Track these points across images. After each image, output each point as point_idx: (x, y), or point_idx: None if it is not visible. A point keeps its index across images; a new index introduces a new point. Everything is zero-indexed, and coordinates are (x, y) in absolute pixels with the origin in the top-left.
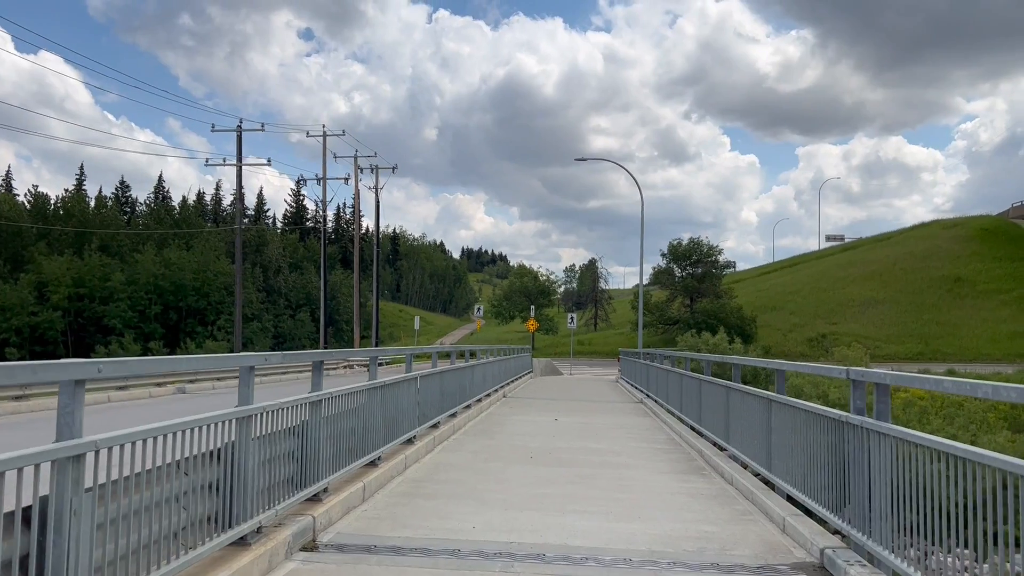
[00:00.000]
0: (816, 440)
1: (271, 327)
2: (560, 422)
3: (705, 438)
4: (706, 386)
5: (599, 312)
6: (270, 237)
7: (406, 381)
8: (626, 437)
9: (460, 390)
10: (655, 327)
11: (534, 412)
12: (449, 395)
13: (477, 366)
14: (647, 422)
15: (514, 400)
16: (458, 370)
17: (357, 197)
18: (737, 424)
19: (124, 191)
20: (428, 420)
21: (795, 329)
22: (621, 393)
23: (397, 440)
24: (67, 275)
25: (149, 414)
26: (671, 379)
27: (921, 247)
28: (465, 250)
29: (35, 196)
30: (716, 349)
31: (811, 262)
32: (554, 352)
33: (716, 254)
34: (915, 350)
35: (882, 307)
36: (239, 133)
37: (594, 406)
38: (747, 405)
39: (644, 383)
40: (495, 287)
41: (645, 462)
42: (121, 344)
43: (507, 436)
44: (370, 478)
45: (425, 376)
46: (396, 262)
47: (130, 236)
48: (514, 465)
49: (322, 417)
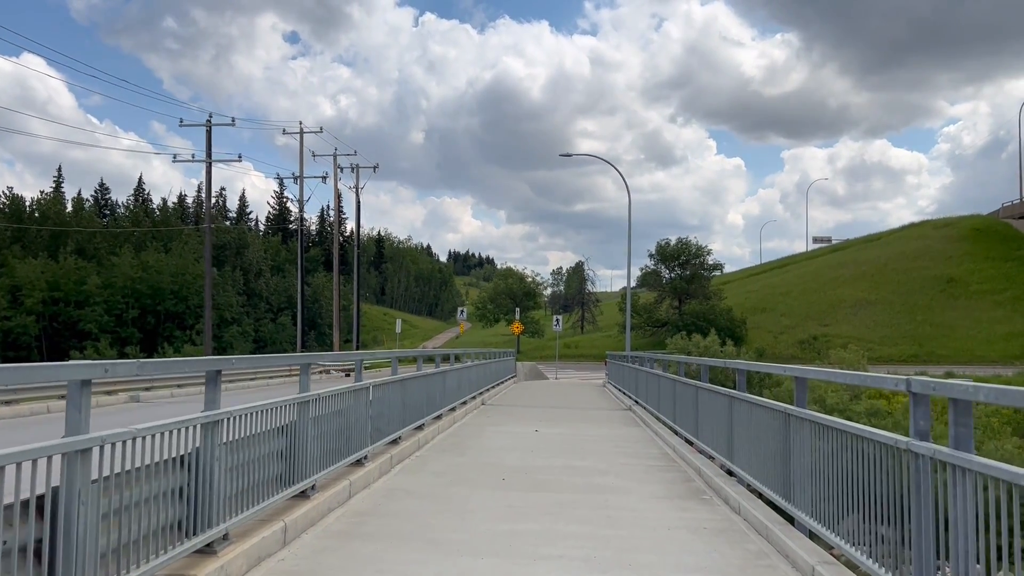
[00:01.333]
0: (858, 470)
1: (251, 331)
2: (541, 434)
3: (703, 453)
4: (704, 394)
5: (586, 314)
6: (251, 239)
7: (354, 392)
8: (614, 451)
9: (428, 399)
10: (643, 329)
11: (513, 422)
12: (413, 406)
13: (450, 372)
14: (637, 433)
15: (493, 408)
16: (424, 377)
17: (337, 196)
18: (744, 441)
19: (103, 194)
20: (384, 436)
21: (786, 331)
22: (608, 399)
23: (341, 462)
24: (41, 279)
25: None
26: (663, 385)
27: (912, 247)
28: (452, 253)
29: (10, 198)
30: (708, 352)
31: (800, 263)
32: (540, 355)
33: (705, 254)
34: (909, 352)
35: (874, 308)
36: (208, 128)
37: (579, 414)
38: (756, 419)
39: (633, 388)
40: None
41: (636, 484)
42: (96, 349)
43: (479, 452)
44: (296, 514)
45: (381, 385)
46: (381, 265)
47: (107, 239)
48: (482, 490)
49: (220, 444)
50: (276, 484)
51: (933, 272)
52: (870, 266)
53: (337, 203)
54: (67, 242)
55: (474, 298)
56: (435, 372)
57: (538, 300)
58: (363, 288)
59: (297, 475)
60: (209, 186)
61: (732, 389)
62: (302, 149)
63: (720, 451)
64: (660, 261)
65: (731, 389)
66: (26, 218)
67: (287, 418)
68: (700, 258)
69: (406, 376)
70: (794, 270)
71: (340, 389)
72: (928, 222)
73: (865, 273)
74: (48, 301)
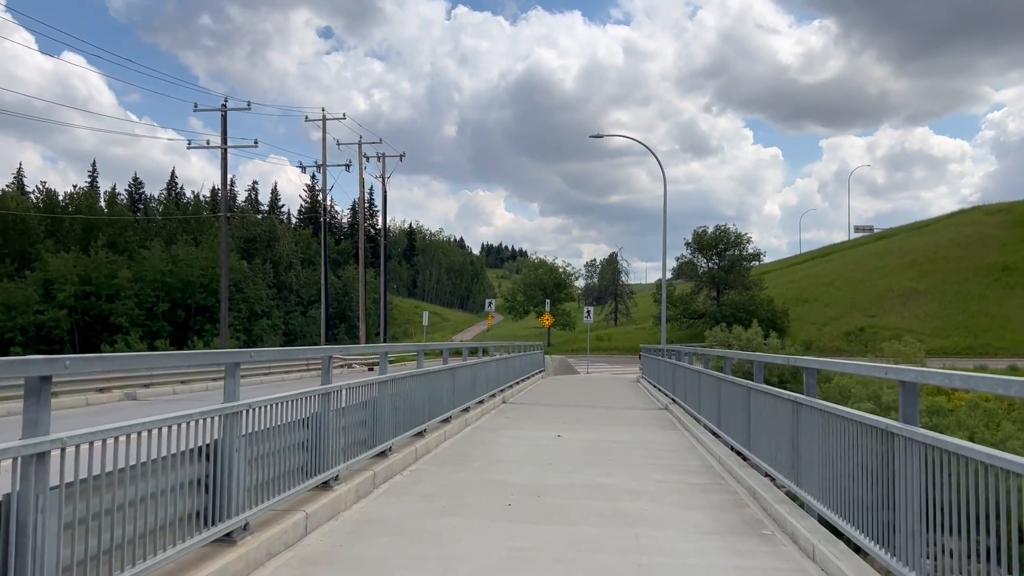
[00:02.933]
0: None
1: (281, 324)
2: (564, 440)
3: (758, 469)
4: (759, 397)
5: (619, 306)
6: (282, 232)
7: (321, 395)
8: (648, 463)
9: (431, 401)
10: (679, 321)
11: (534, 424)
12: (408, 410)
13: (460, 369)
14: (674, 438)
15: (514, 407)
16: (425, 376)
17: (361, 184)
18: (815, 460)
19: (137, 188)
20: (367, 449)
21: (830, 322)
22: (642, 396)
23: (302, 486)
24: (73, 272)
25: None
26: (704, 383)
27: (964, 234)
28: (485, 246)
29: (44, 192)
30: (750, 345)
31: (844, 252)
32: (571, 349)
33: (744, 242)
34: (963, 344)
35: (924, 298)
36: (223, 113)
37: (609, 415)
38: (836, 434)
39: (669, 385)
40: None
41: (676, 511)
42: (127, 343)
43: (486, 465)
44: (214, 568)
45: (358, 387)
46: (412, 257)
47: (138, 232)
48: (480, 521)
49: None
50: (187, 527)
51: (987, 260)
52: (918, 254)
53: (362, 191)
54: (98, 236)
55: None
56: (440, 369)
57: (570, 291)
58: (394, 281)
59: (226, 508)
60: (225, 172)
61: (784, 389)
62: (324, 136)
63: (781, 469)
64: (697, 250)
65: (795, 394)
66: (59, 212)
67: (210, 434)
68: (739, 246)
69: (399, 375)
70: (837, 259)
71: (299, 393)
72: (980, 208)
73: (913, 262)
74: (80, 295)
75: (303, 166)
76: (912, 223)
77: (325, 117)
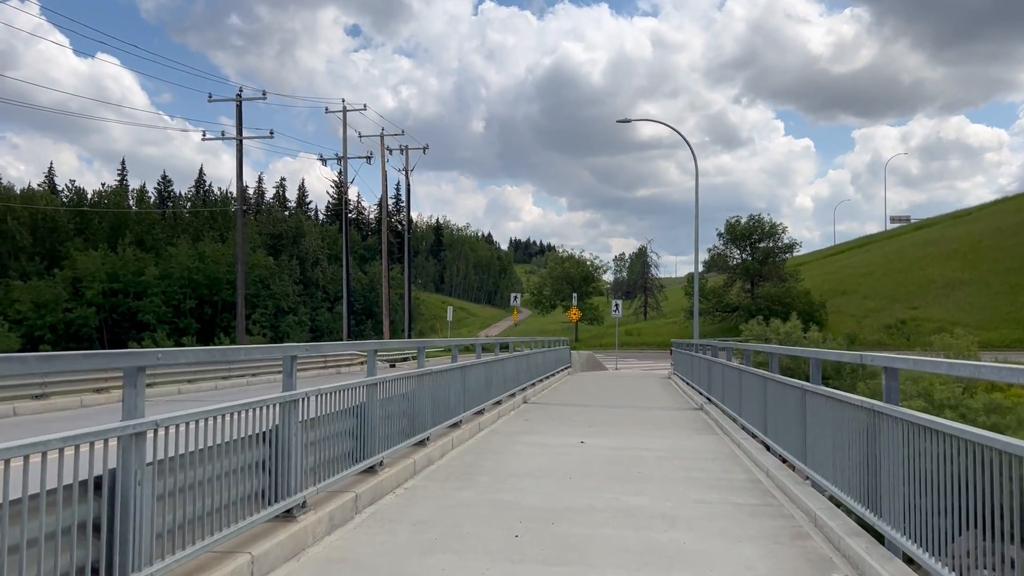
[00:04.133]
0: None
1: (308, 320)
2: (587, 447)
3: (817, 487)
4: (818, 402)
5: (649, 300)
6: (308, 228)
7: (282, 404)
8: (684, 478)
9: (435, 405)
10: (712, 315)
11: (555, 428)
12: (405, 416)
13: (473, 367)
14: (712, 444)
15: (535, 408)
16: (427, 376)
17: (384, 177)
18: (897, 485)
19: (166, 186)
20: (351, 464)
21: (870, 315)
22: (674, 395)
23: (249, 520)
24: (101, 270)
25: None
26: (747, 383)
27: (1009, 222)
28: (513, 241)
29: (73, 190)
30: (789, 339)
31: (882, 242)
32: (599, 344)
33: (779, 232)
34: (1014, 336)
35: (969, 289)
36: (239, 103)
37: (639, 416)
38: (927, 452)
39: (704, 383)
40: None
41: (720, 545)
42: (154, 340)
43: (495, 480)
44: None
45: (335, 391)
46: (440, 253)
47: (166, 229)
48: (476, 561)
49: None
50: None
51: None
52: (961, 243)
53: (384, 184)
54: (126, 233)
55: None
56: (446, 368)
57: (598, 286)
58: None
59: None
60: (240, 162)
61: (877, 401)
62: (345, 127)
63: (850, 491)
64: (730, 241)
65: (874, 401)
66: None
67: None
68: (774, 237)
69: (390, 377)
70: (876, 250)
71: (241, 406)
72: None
73: (956, 251)
74: (108, 292)
75: (323, 159)
76: (952, 212)
77: (345, 109)
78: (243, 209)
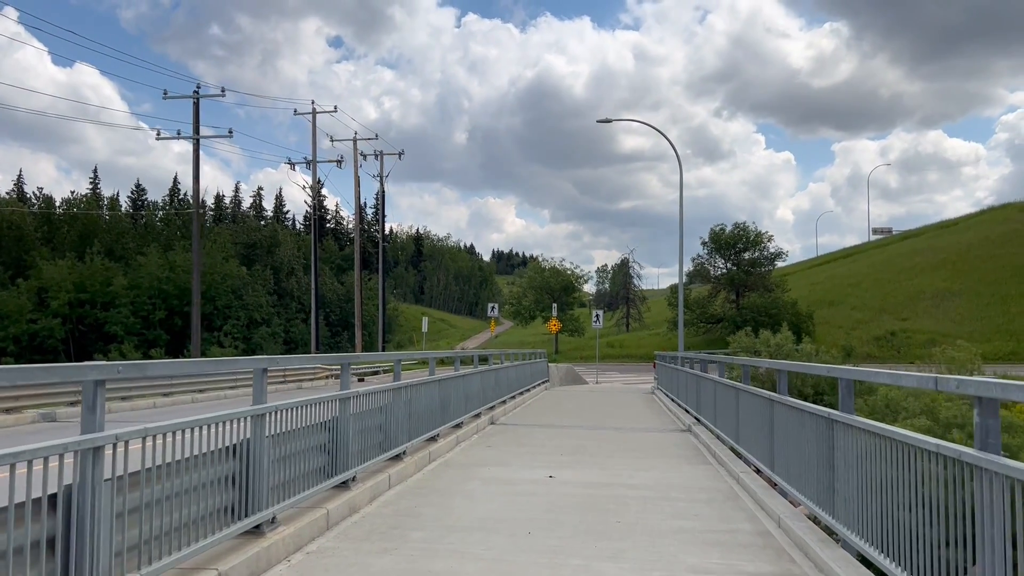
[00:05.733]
0: None
1: (281, 332)
2: (557, 483)
3: (847, 545)
4: (855, 439)
5: (631, 311)
6: (283, 237)
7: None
8: (676, 531)
9: (364, 436)
10: (696, 326)
11: (522, 458)
12: (313, 453)
13: (425, 385)
14: (706, 478)
15: (502, 431)
16: (351, 400)
17: (357, 183)
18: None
19: (140, 195)
20: (231, 524)
21: (859, 326)
22: (659, 413)
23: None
24: (68, 279)
25: None
26: (746, 405)
27: (998, 232)
28: (496, 252)
29: (41, 199)
30: (780, 351)
31: (868, 252)
32: (580, 356)
33: (765, 241)
34: (1007, 349)
35: (960, 300)
36: (195, 101)
37: (620, 440)
38: None
39: (692, 401)
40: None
41: None
42: (121, 352)
43: (431, 537)
44: None
45: (194, 426)
46: (420, 263)
47: (135, 239)
48: None
49: None
50: None
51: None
52: (949, 253)
53: (357, 189)
54: (94, 242)
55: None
56: (385, 389)
57: (579, 296)
58: (401, 287)
59: None
60: (196, 163)
61: (945, 442)
62: (315, 129)
63: (906, 562)
64: (715, 250)
65: (942, 442)
66: (55, 219)
67: None
68: (759, 245)
69: (310, 399)
70: (862, 259)
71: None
72: (1013, 204)
73: (945, 261)
74: (74, 303)
75: (291, 162)
76: (938, 222)
77: (315, 111)
78: (199, 211)
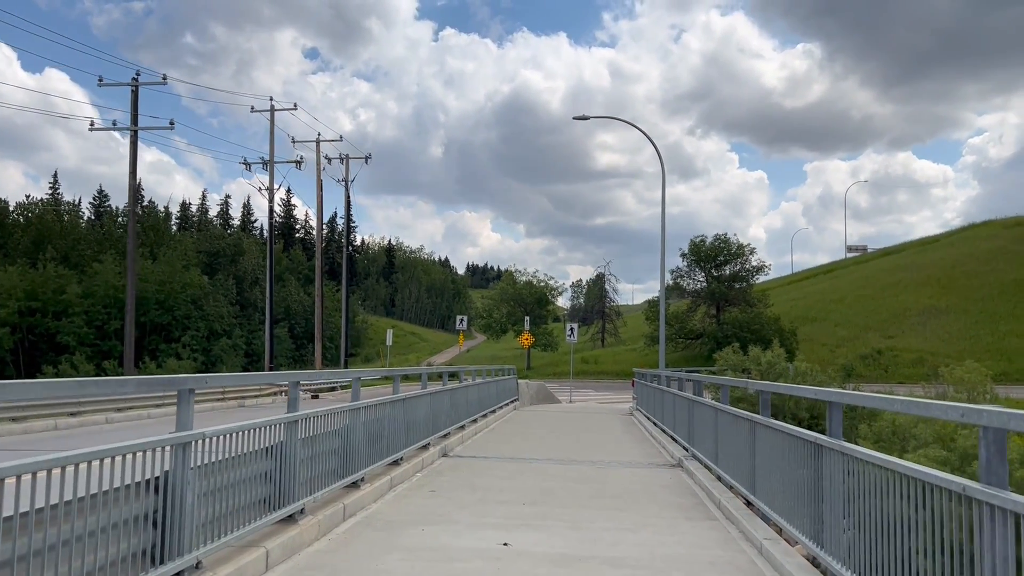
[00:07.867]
0: None
1: (243, 344)
2: (510, 554)
3: None
4: None
5: (607, 326)
6: (248, 246)
7: None
8: None
9: (245, 487)
10: (675, 341)
11: (469, 509)
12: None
13: (352, 411)
14: (714, 543)
15: (453, 467)
16: (237, 435)
17: (319, 186)
18: None
19: (102, 201)
20: None
21: (844, 344)
22: (641, 441)
23: None
24: (18, 287)
25: None
26: (767, 443)
27: (983, 248)
28: (470, 266)
29: None
30: (772, 369)
31: (850, 268)
32: (554, 372)
33: (747, 254)
34: (997, 369)
35: (946, 317)
36: (135, 88)
37: (597, 481)
38: None
39: (683, 429)
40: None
41: None
42: (72, 363)
43: None
44: None
45: None
46: (391, 275)
47: (92, 245)
48: None
49: None
50: None
51: (1012, 275)
52: (934, 270)
53: (319, 192)
54: (48, 248)
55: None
56: (285, 420)
57: (553, 309)
58: (371, 299)
59: None
60: (134, 157)
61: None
62: (272, 128)
63: None
64: (695, 263)
65: None
66: (8, 224)
67: None
68: (741, 258)
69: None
70: (844, 276)
71: None
72: (997, 221)
73: (930, 277)
74: (25, 311)
75: (247, 162)
76: (920, 239)
77: (273, 108)
78: (134, 210)
